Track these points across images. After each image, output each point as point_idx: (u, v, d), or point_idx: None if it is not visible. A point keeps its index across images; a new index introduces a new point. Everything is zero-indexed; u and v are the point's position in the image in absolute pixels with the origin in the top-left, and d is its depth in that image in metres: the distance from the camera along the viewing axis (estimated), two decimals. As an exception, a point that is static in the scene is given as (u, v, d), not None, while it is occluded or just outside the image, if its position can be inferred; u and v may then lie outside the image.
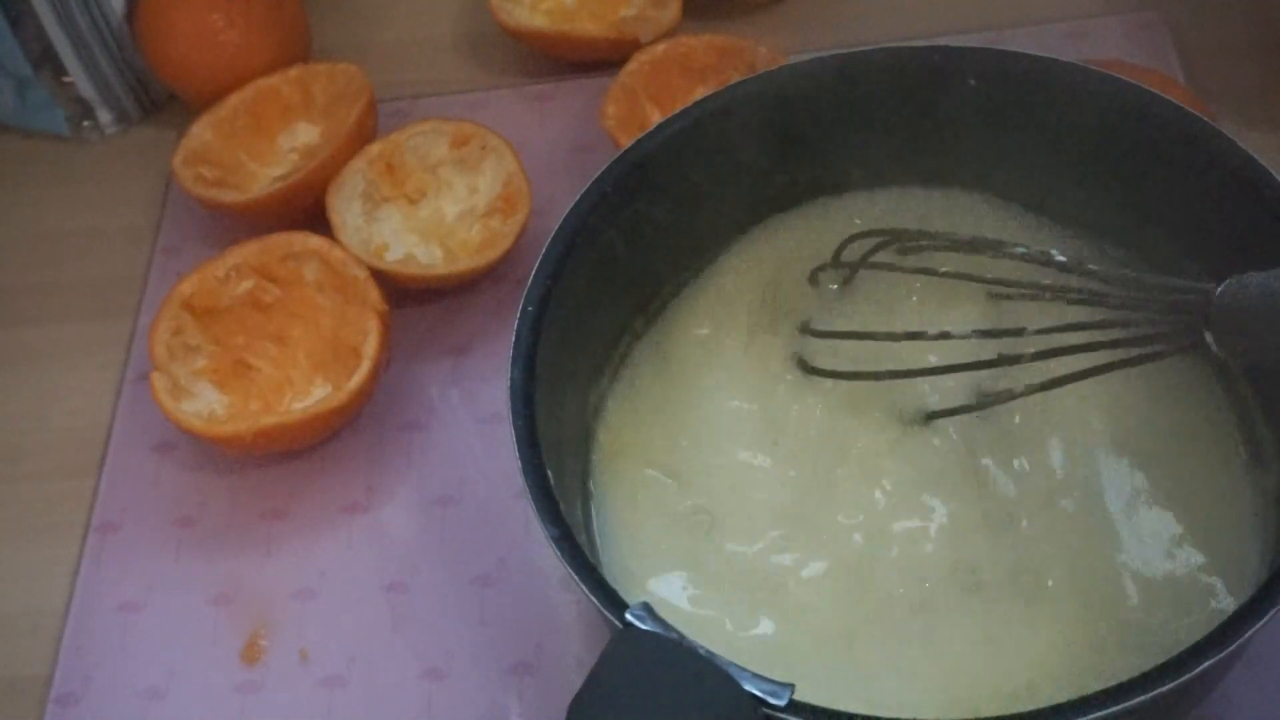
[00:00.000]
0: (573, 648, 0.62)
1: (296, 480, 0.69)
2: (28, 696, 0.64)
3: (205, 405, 0.68)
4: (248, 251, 0.70)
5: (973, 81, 0.62)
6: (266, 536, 0.68)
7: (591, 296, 0.61)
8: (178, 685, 0.64)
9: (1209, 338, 0.48)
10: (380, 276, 0.70)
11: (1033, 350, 0.55)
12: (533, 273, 0.58)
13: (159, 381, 0.67)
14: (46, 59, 0.81)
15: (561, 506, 0.53)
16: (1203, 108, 0.68)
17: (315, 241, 0.70)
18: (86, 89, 0.83)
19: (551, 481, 0.53)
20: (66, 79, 0.82)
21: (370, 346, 0.67)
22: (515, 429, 0.54)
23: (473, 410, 0.71)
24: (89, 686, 0.64)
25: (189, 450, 0.71)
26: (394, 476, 0.69)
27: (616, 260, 0.62)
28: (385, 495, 0.68)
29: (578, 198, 0.60)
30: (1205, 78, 0.76)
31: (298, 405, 0.69)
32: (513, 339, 0.56)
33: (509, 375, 0.56)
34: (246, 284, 0.70)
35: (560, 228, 0.60)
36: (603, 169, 0.61)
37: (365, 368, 0.67)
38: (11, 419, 0.74)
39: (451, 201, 0.76)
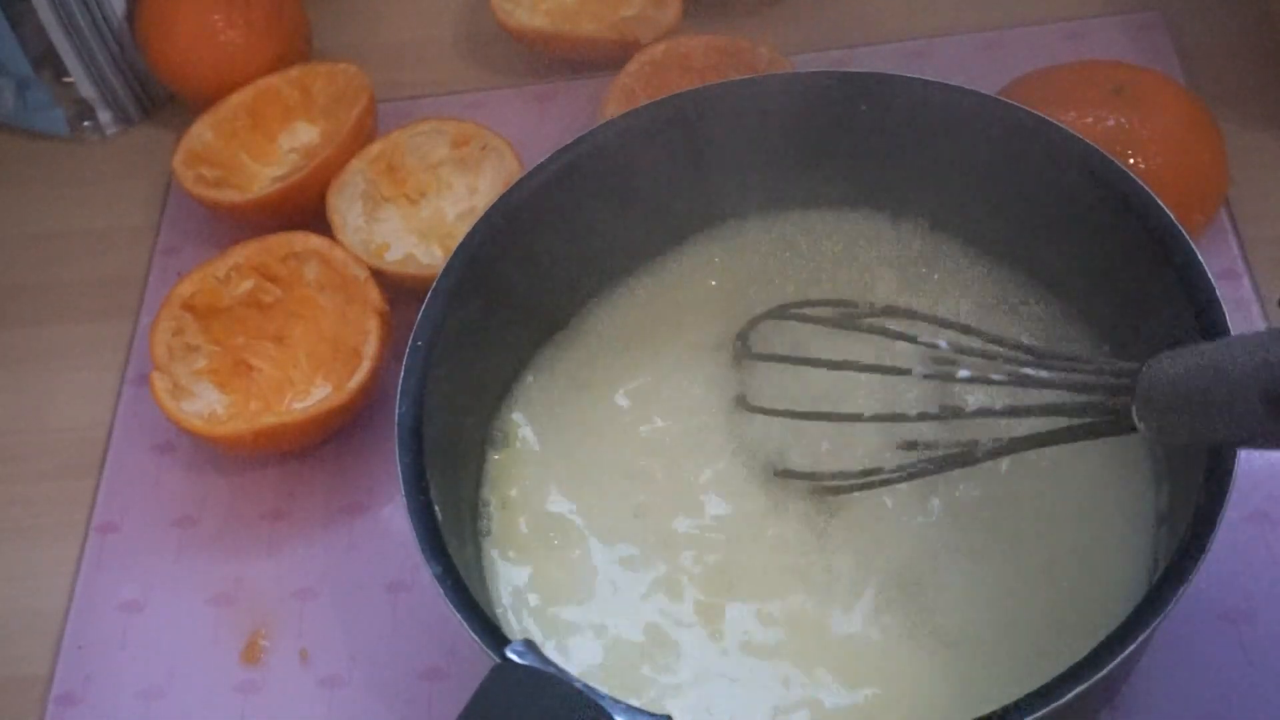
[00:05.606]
0: (573, 648, 0.62)
1: (296, 480, 0.69)
2: (28, 696, 0.64)
3: (205, 405, 0.68)
4: (248, 251, 0.70)
5: (864, 107, 0.62)
6: (266, 536, 0.68)
7: (487, 329, 0.61)
8: (178, 685, 0.64)
9: (1135, 416, 0.48)
10: (380, 276, 0.70)
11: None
12: (422, 308, 0.58)
13: (159, 381, 0.67)
14: (46, 59, 0.81)
15: (449, 542, 0.52)
16: (1202, 108, 0.69)
17: (315, 241, 0.70)
18: (86, 89, 0.83)
19: (439, 518, 0.53)
20: (66, 79, 0.82)
21: (371, 346, 0.67)
22: (402, 466, 0.54)
23: (472, 410, 0.71)
24: (89, 686, 0.64)
25: (189, 450, 0.71)
26: (394, 476, 0.68)
27: (513, 292, 0.62)
28: (385, 495, 0.68)
29: (468, 231, 0.60)
30: (1205, 78, 0.76)
31: (298, 405, 0.69)
32: (401, 374, 0.56)
33: (396, 410, 0.55)
34: (246, 284, 0.70)
35: (451, 261, 0.59)
36: (496, 199, 0.61)
37: (365, 368, 0.67)
38: (11, 419, 0.74)
39: (452, 201, 0.76)
